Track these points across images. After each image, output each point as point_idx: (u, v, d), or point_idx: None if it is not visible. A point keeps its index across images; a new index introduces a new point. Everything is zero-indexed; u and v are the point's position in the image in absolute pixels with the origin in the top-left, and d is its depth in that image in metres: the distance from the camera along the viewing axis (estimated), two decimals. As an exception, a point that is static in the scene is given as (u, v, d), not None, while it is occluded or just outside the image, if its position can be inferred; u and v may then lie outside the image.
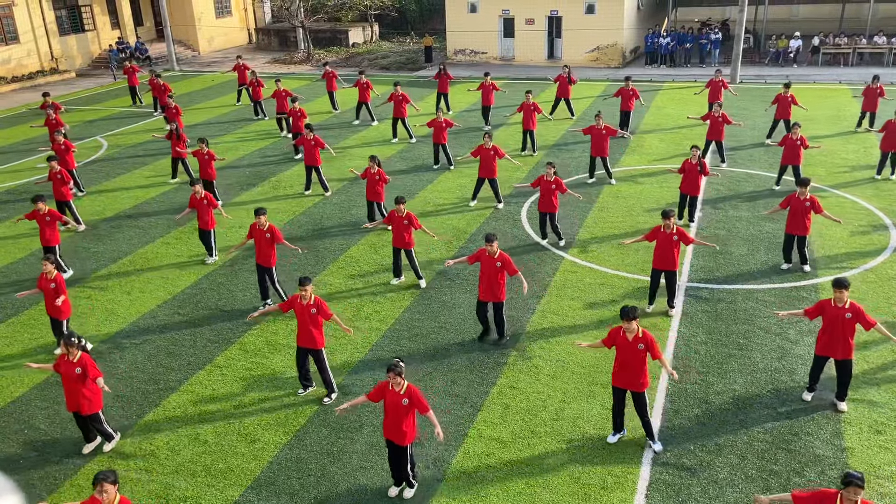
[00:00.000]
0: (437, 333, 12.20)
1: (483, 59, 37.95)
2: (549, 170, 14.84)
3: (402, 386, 8.30)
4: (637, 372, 8.98)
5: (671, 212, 11.93)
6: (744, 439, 9.38)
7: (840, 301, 9.45)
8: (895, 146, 17.89)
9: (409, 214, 13.41)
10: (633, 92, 22.42)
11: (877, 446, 9.13)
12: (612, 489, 8.65)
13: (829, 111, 24.87)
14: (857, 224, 15.68)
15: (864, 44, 33.10)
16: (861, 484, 6.35)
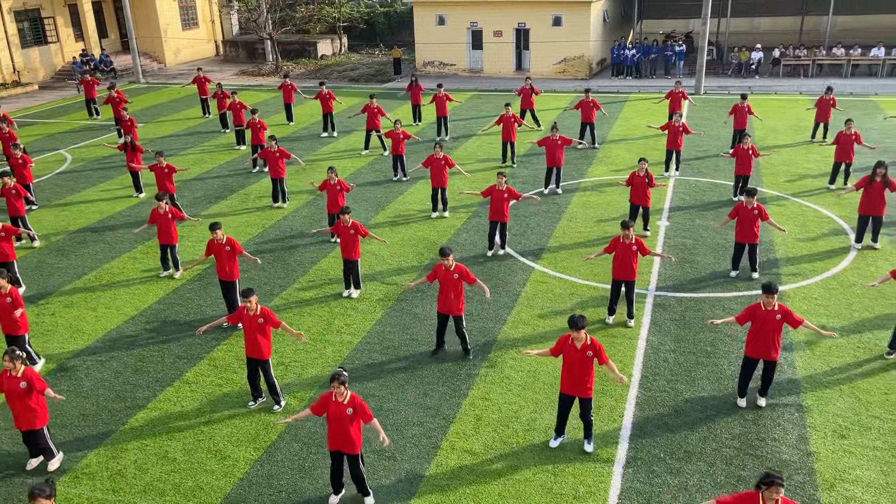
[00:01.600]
0: (408, 346, 12.19)
1: (452, 70, 38.16)
2: (500, 179, 14.95)
3: (346, 396, 8.30)
4: (585, 379, 9.17)
5: (630, 223, 12.09)
6: (712, 446, 9.51)
7: (769, 305, 9.72)
8: (848, 156, 18.33)
9: (354, 224, 13.45)
10: (593, 103, 22.70)
11: (841, 450, 9.32)
12: (584, 498, 8.70)
13: (790, 121, 25.44)
14: (818, 232, 16.03)
15: (823, 55, 33.97)
16: (781, 483, 6.48)
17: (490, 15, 36.18)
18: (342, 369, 8.42)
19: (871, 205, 14.66)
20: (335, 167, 16.28)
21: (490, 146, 23.96)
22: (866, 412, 9.98)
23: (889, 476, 8.82)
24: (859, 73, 33.58)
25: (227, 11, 47.35)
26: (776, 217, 16.72)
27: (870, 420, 9.82)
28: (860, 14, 37.17)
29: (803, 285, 13.60)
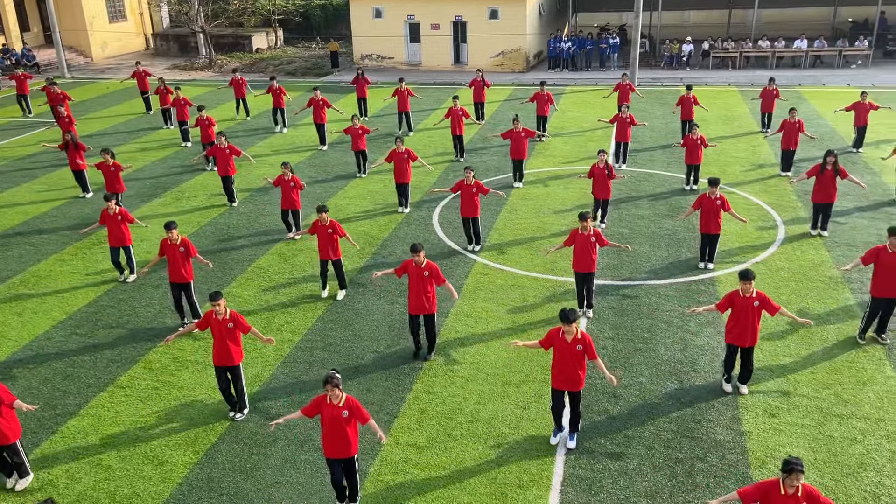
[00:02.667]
0: (351, 342, 12.10)
1: (390, 64, 37.95)
2: (468, 174, 14.95)
3: (341, 398, 8.14)
4: (576, 373, 9.13)
5: (588, 214, 12.11)
6: (651, 430, 9.74)
7: (747, 291, 9.95)
8: (794, 144, 19.00)
9: (332, 223, 13.18)
10: (548, 97, 22.96)
11: (772, 429, 9.67)
12: (527, 487, 8.81)
13: (720, 112, 26.21)
14: (749, 219, 16.56)
15: (750, 48, 35.08)
16: (801, 469, 6.59)
17: (427, 8, 36.10)
18: (335, 371, 8.20)
19: (822, 193, 15.16)
20: (289, 162, 15.99)
21: (438, 140, 23.94)
22: (794, 391, 10.38)
23: (817, 452, 9.19)
24: (784, 65, 34.79)
25: (156, 4, 45.94)
26: (708, 205, 17.22)
27: (798, 399, 10.22)
28: (784, 7, 38.49)
29: (735, 271, 14.03)
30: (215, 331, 9.85)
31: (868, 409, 9.95)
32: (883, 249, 11.11)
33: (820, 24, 37.80)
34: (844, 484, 8.65)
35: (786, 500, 6.69)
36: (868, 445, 9.26)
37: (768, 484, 6.82)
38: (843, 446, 9.27)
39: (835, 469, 8.89)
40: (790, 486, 6.66)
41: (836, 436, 9.45)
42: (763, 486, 6.85)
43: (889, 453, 9.10)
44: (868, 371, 10.77)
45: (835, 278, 13.60)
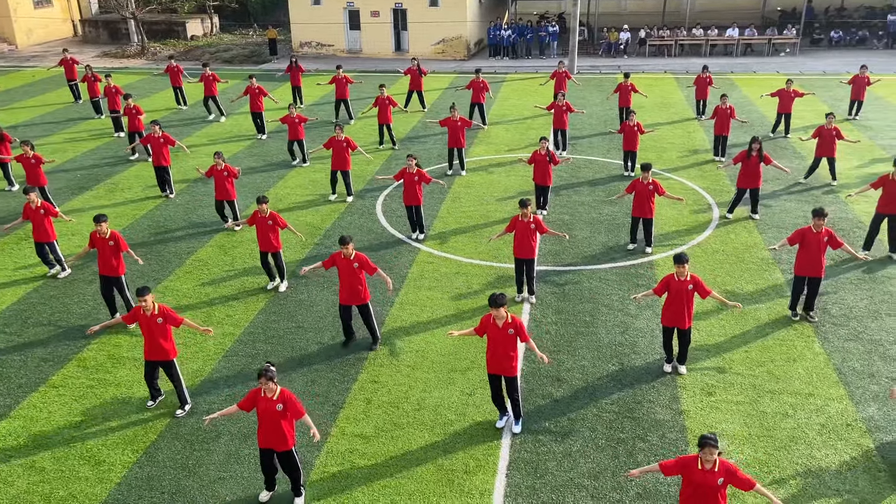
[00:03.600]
0: (294, 334, 11.95)
1: (330, 51, 37.46)
2: (410, 162, 14.88)
3: (276, 391, 8.05)
4: (509, 357, 9.22)
5: (528, 201, 12.23)
6: (593, 411, 9.93)
7: (681, 275, 10.20)
8: (726, 130, 19.52)
9: (272, 214, 12.95)
10: (483, 84, 23.01)
11: (709, 407, 9.97)
12: (474, 472, 8.88)
13: (657, 99, 26.75)
14: (684, 203, 16.98)
15: (685, 36, 35.88)
16: (715, 444, 6.87)
17: (366, -5, 35.73)
18: (270, 364, 8.10)
19: (748, 178, 15.62)
20: (222, 152, 15.65)
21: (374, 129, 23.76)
22: (729, 369, 10.73)
23: (751, 428, 9.53)
24: (716, 53, 35.72)
25: (84, -12, 44.20)
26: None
27: (733, 377, 10.57)
28: (717, -3, 39.48)
29: (672, 254, 14.36)
30: (144, 327, 9.65)
31: (798, 384, 10.35)
32: (808, 230, 11.55)
33: (750, 13, 38.89)
34: (777, 457, 8.99)
35: (703, 474, 6.94)
36: (799, 420, 9.64)
37: (688, 459, 7.09)
38: (775, 421, 9.63)
39: (768, 443, 9.23)
40: (706, 461, 6.92)
41: (769, 411, 9.82)
42: (683, 460, 7.12)
43: (818, 426, 9.50)
44: (798, 348, 11.21)
45: (766, 259, 14.08)
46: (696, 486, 6.97)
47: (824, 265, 11.68)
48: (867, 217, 15.73)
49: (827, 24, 37.86)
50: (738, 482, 6.99)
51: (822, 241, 11.44)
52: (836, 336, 11.48)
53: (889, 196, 13.71)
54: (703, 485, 6.94)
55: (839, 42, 36.52)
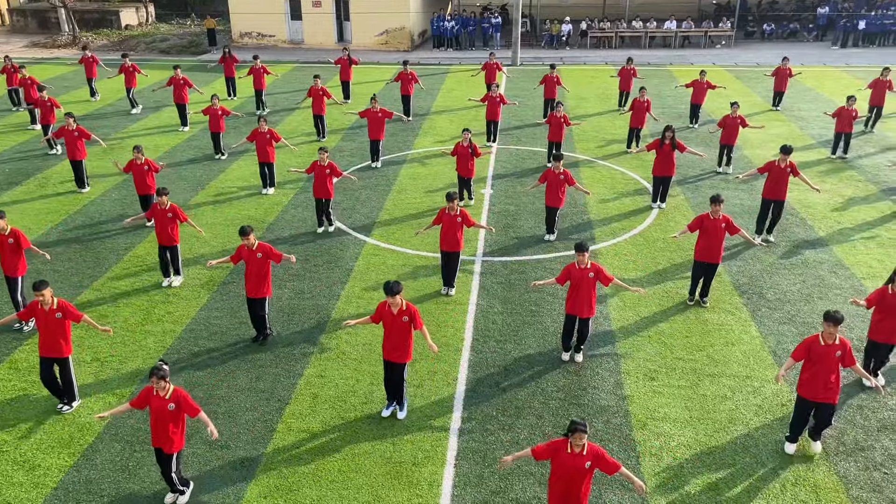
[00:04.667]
0: (237, 329, 11.73)
1: (271, 42, 36.80)
2: (321, 155, 14.75)
3: (168, 390, 7.91)
4: (404, 344, 9.33)
5: (454, 194, 12.32)
6: (540, 399, 10.04)
7: (582, 263, 10.36)
8: (641, 122, 19.89)
9: (172, 207, 12.69)
10: (411, 76, 22.92)
11: (651, 391, 10.19)
12: (422, 464, 8.88)
13: (598, 90, 27.13)
14: (625, 192, 17.30)
15: (625, 28, 36.47)
16: (584, 429, 7.01)
17: (307, -16, 35.19)
18: (163, 362, 7.95)
19: (662, 166, 15.97)
20: (141, 146, 15.22)
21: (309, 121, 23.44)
22: (671, 355, 10.98)
23: (692, 411, 9.78)
24: (655, 45, 36.43)
25: (9, -25, 42.33)
26: (588, 181, 17.86)
27: (674, 362, 10.82)
28: (654, -11, 40.21)
29: (614, 243, 14.64)
30: (40, 322, 9.40)
31: (736, 367, 10.67)
32: (706, 217, 11.90)
33: (687, 6, 39.74)
34: (717, 438, 9.25)
35: (572, 458, 7.09)
36: (737, 401, 9.94)
37: (558, 443, 7.24)
38: (714, 403, 9.90)
39: (708, 425, 9.49)
40: (576, 445, 7.07)
41: (709, 394, 10.09)
42: (553, 444, 7.27)
43: (755, 408, 9.81)
44: (735, 332, 11.54)
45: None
46: (565, 469, 7.11)
47: (722, 251, 12.02)
48: (798, 204, 16.29)
49: (760, 17, 39.01)
50: (605, 465, 7.15)
51: (720, 228, 11.80)
52: (771, 319, 11.86)
53: (774, 181, 14.20)
54: (570, 467, 7.07)
55: (772, 34, 37.68)
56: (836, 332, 8.48)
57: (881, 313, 9.86)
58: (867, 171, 18.32)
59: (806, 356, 8.64)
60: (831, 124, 22.03)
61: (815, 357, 8.56)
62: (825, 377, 8.56)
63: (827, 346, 8.51)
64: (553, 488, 7.28)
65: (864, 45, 35.22)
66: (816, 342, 8.59)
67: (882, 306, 9.83)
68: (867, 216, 15.71)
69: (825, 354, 8.50)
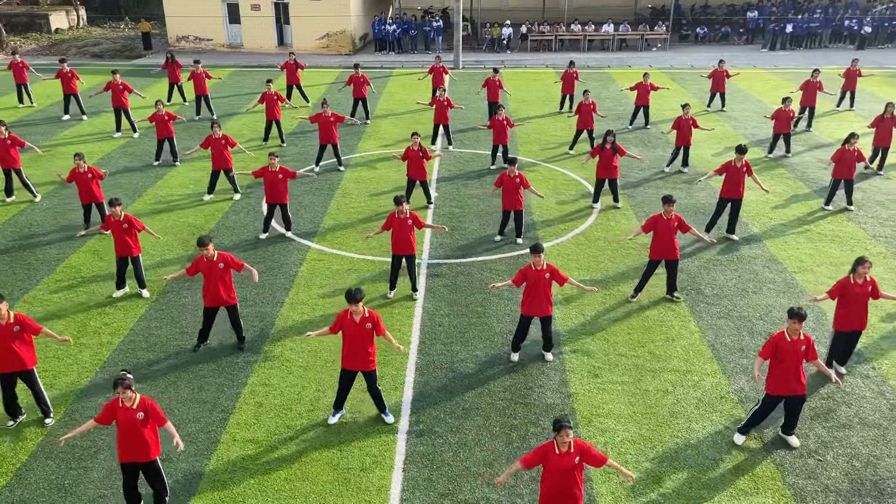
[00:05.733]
0: (178, 339, 11.45)
1: (210, 45, 36.13)
2: (272, 160, 14.57)
3: (134, 400, 7.69)
4: (368, 351, 9.25)
5: (402, 198, 12.31)
6: (487, 400, 10.10)
7: (538, 265, 10.49)
8: (589, 124, 20.25)
9: (127, 217, 12.35)
10: (363, 79, 22.84)
11: (596, 388, 10.36)
12: (370, 469, 8.82)
13: (539, 93, 27.48)
14: (567, 194, 17.55)
15: (564, 31, 37.03)
16: (569, 425, 7.09)
17: (246, -13, 34.67)
18: (126, 372, 7.76)
19: (605, 169, 16.28)
20: (82, 153, 14.75)
21: (257, 124, 23.12)
22: (614, 351, 11.18)
23: (635, 406, 9.97)
24: (594, 48, 37.10)
25: (-72, -24, 40.50)
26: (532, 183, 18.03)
27: (617, 358, 11.02)
28: (592, -6, 40.97)
29: (557, 243, 14.83)
30: None
31: (677, 362, 10.93)
32: (659, 217, 12.21)
33: (624, 10, 40.60)
34: (659, 433, 9.45)
35: (560, 457, 7.14)
36: (678, 395, 10.18)
37: (544, 446, 7.26)
38: (656, 398, 10.12)
39: (651, 420, 9.69)
40: (562, 444, 7.13)
41: (651, 389, 10.31)
42: (540, 449, 7.27)
43: (695, 401, 10.06)
44: (675, 328, 11.83)
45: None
46: (556, 471, 7.13)
47: (678, 248, 12.35)
48: (734, 202, 16.80)
49: (693, 20, 40.14)
50: (592, 459, 7.24)
51: (673, 227, 12.13)
52: (710, 314, 12.20)
53: (731, 181, 14.67)
54: (561, 468, 7.10)
55: (705, 38, 38.80)
56: (801, 328, 8.71)
57: (846, 304, 10.22)
58: (797, 170, 19.02)
59: (773, 354, 8.82)
60: (763, 124, 22.82)
61: (783, 354, 8.77)
62: (794, 371, 8.80)
63: (793, 342, 8.74)
64: (546, 491, 7.26)
65: (792, 47, 36.58)
66: (783, 339, 8.79)
67: (846, 298, 10.18)
68: (797, 213, 16.31)
69: (791, 350, 8.73)
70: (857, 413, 9.77)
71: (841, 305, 10.27)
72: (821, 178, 18.35)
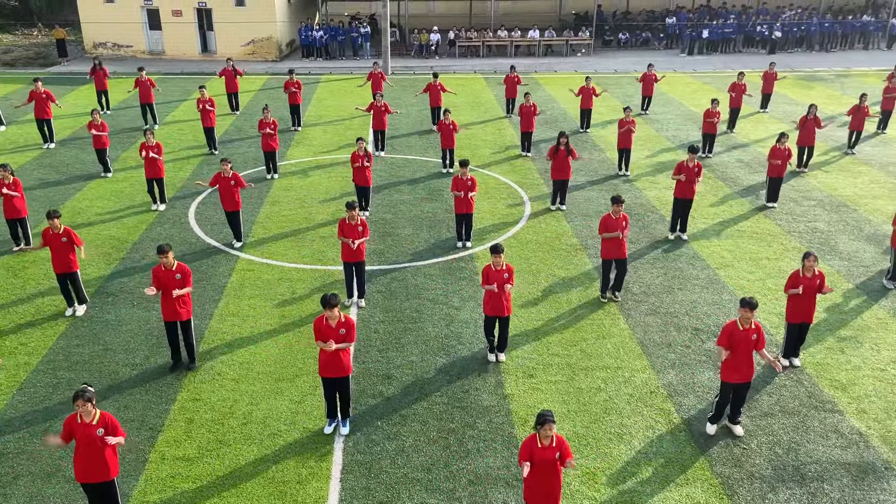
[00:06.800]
0: (101, 357, 11.02)
1: (129, 52, 35.02)
2: (224, 166, 14.31)
3: (94, 415, 7.39)
4: (341, 358, 9.12)
5: (354, 203, 12.17)
6: (424, 405, 10.08)
7: (498, 265, 10.61)
8: (531, 126, 20.56)
9: (67, 230, 11.80)
10: (297, 85, 22.62)
11: (531, 388, 10.48)
12: (307, 481, 8.68)
13: (469, 98, 27.71)
14: (499, 197, 17.74)
15: (491, 37, 37.47)
16: (552, 420, 7.17)
17: (166, -8, 33.78)
18: (87, 385, 7.42)
19: (560, 170, 16.52)
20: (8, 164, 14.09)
21: (189, 133, 22.53)
22: (547, 351, 11.35)
23: (569, 404, 10.14)
24: (521, 53, 37.66)
25: None
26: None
27: (550, 358, 11.18)
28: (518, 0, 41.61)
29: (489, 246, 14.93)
30: None
31: (608, 359, 11.17)
32: (608, 217, 12.50)
33: (549, 16, 41.44)
34: (593, 429, 9.63)
35: (543, 451, 7.28)
36: (610, 392, 10.40)
37: (528, 441, 7.38)
38: (589, 396, 10.32)
39: (584, 417, 9.87)
40: (545, 438, 7.25)
41: (584, 387, 10.50)
42: (526, 444, 7.38)
43: (627, 397, 10.30)
44: (606, 326, 12.09)
45: (574, 246, 15.05)
46: (539, 464, 7.24)
47: (626, 247, 12.68)
48: (658, 202, 17.31)
49: (615, 26, 41.23)
50: (566, 452, 7.37)
51: (622, 226, 12.43)
52: (638, 312, 12.52)
53: (684, 181, 15.07)
54: (544, 461, 7.23)
55: (626, 43, 39.91)
56: (752, 317, 8.99)
57: (797, 296, 10.61)
58: (717, 170, 19.74)
59: (728, 342, 9.07)
60: (685, 126, 23.61)
61: (736, 342, 9.02)
62: (746, 360, 9.10)
63: (745, 331, 9.02)
64: (530, 486, 7.33)
65: (709, 52, 38.00)
66: (735, 328, 9.04)
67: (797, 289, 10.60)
68: (718, 210, 16.92)
69: (744, 338, 9.01)
70: (777, 402, 10.19)
71: (792, 297, 10.71)
72: (739, 177, 19.10)
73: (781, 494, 8.54)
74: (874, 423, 9.73)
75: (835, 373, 10.84)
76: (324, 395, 9.47)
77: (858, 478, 8.79)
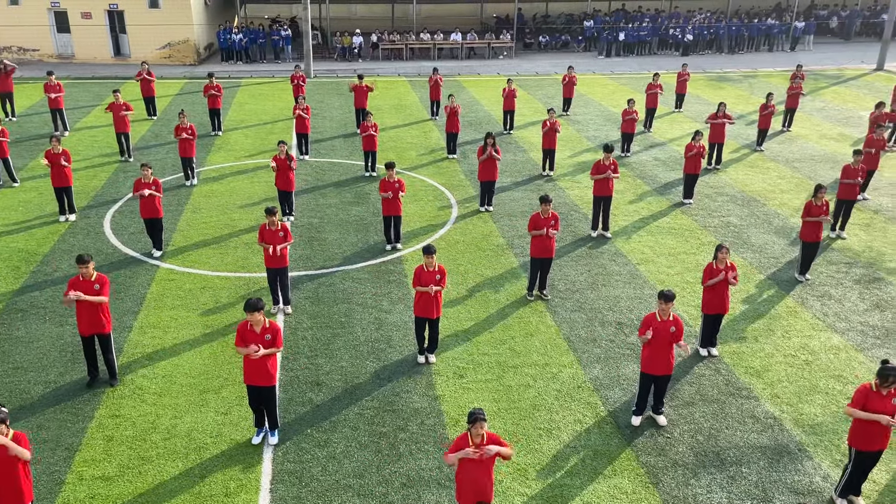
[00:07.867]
0: (11, 376, 10.47)
1: (36, 56, 33.46)
2: (146, 172, 13.86)
3: (8, 435, 7.03)
4: (267, 365, 8.92)
5: (274, 209, 11.94)
6: (354, 410, 9.99)
7: (430, 266, 10.61)
8: (455, 128, 20.66)
9: None
10: (216, 89, 22.09)
11: (461, 388, 10.53)
12: (235, 493, 8.47)
13: (393, 101, 27.67)
14: (426, 199, 17.78)
15: (414, 40, 37.52)
16: (483, 418, 7.18)
17: (74, -6, 32.43)
18: (1, 405, 7.05)
19: (487, 171, 16.63)
20: None
21: (102, 139, 21.66)
22: (477, 351, 11.43)
23: (499, 402, 10.24)
24: (444, 56, 37.87)
25: None
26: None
27: (480, 357, 11.27)
28: (438, 3, 41.81)
29: (419, 248, 14.96)
30: None
31: (536, 356, 11.34)
32: (537, 216, 12.69)
33: (470, 20, 41.80)
34: (523, 426, 9.76)
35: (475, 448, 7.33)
36: (538, 389, 10.56)
37: (460, 439, 7.40)
38: (518, 393, 10.45)
39: (514, 414, 9.99)
40: (476, 435, 7.28)
41: (513, 384, 10.62)
42: (457, 442, 7.40)
43: (555, 392, 10.48)
44: (533, 323, 12.27)
45: (501, 246, 15.22)
46: (472, 463, 7.24)
47: (554, 247, 12.89)
48: (581, 201, 17.70)
49: (536, 29, 41.96)
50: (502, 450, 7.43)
51: (551, 225, 12.64)
52: (564, 308, 12.76)
53: (602, 179, 15.43)
54: (476, 460, 7.25)
55: (547, 45, 40.69)
56: (669, 309, 9.25)
57: (710, 287, 10.97)
58: (635, 168, 20.33)
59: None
60: (605, 126, 24.22)
61: (655, 333, 9.22)
62: (665, 351, 9.32)
63: (663, 322, 9.23)
64: (461, 482, 7.30)
65: (625, 54, 39.12)
66: (654, 319, 9.26)
67: None
68: (638, 208, 17.43)
69: (662, 330, 9.21)
70: (698, 391, 10.56)
71: (707, 289, 11.08)
72: (657, 175, 19.73)
73: (703, 480, 8.85)
74: (787, 407, 10.22)
75: (749, 360, 11.32)
76: (249, 403, 9.27)
77: (774, 460, 9.20)
